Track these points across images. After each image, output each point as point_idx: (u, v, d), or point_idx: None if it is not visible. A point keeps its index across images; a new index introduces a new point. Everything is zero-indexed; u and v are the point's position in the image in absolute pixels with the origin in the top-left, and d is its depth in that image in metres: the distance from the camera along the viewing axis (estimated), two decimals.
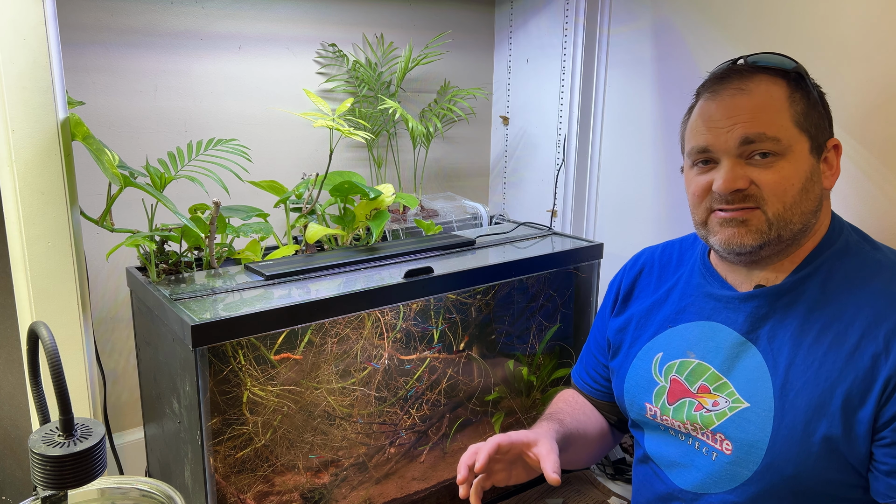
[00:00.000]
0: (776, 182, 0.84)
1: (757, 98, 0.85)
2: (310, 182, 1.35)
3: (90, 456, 0.62)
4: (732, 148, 0.85)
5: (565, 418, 1.06)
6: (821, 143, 0.87)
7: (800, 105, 0.85)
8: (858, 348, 0.81)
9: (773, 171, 0.84)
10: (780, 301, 0.88)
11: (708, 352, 0.93)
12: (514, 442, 0.92)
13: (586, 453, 1.11)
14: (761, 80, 0.86)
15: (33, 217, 0.93)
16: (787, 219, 0.85)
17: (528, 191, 1.80)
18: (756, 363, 0.88)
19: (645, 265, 1.09)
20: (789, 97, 0.85)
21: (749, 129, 0.84)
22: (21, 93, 0.89)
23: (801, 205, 0.85)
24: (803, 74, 0.88)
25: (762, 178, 0.84)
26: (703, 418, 0.91)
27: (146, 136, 1.35)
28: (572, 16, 1.58)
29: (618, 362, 1.06)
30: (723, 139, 0.85)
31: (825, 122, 0.88)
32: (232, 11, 1.39)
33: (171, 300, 1.03)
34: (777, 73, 0.87)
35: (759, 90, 0.85)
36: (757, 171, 0.84)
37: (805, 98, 0.86)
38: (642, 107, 1.51)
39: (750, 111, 0.84)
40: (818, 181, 0.86)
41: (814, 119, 0.86)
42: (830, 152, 0.88)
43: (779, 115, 0.84)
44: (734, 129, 0.84)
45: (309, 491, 1.17)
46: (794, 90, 0.86)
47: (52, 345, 0.60)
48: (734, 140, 0.84)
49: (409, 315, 1.22)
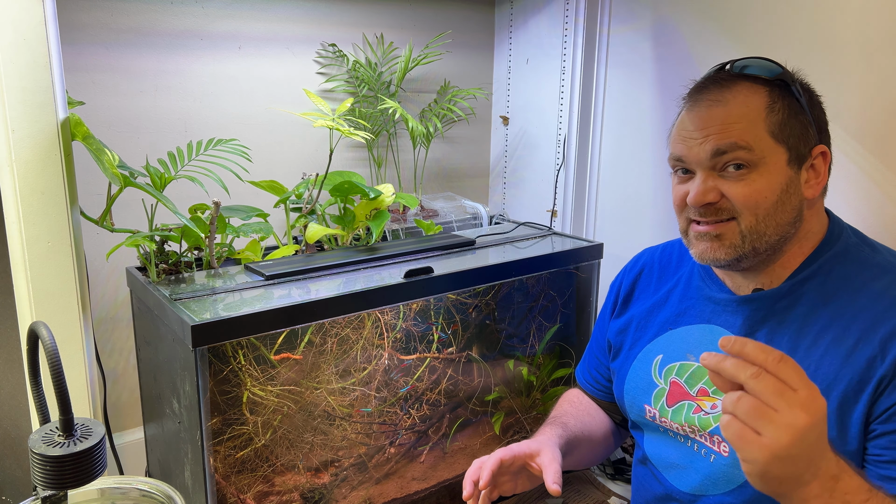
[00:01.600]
0: (747, 196, 0.83)
1: (732, 108, 0.84)
2: (310, 182, 1.35)
3: (90, 456, 0.62)
4: (705, 160, 0.84)
5: (569, 421, 1.06)
6: (802, 153, 0.85)
7: (779, 115, 0.84)
8: (855, 351, 0.81)
9: (745, 184, 0.83)
10: (777, 304, 0.88)
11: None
12: (516, 455, 0.93)
13: (591, 454, 1.11)
14: (740, 90, 0.85)
15: (33, 217, 0.93)
16: (761, 231, 0.84)
17: (528, 191, 1.80)
18: None
19: (645, 266, 1.09)
20: (768, 107, 0.84)
21: (720, 140, 0.83)
22: (21, 93, 0.89)
23: (775, 217, 0.84)
24: (788, 81, 0.86)
25: (733, 192, 0.83)
26: (701, 421, 0.91)
27: (146, 136, 1.35)
28: (572, 16, 1.58)
29: (618, 364, 1.06)
30: (696, 151, 0.85)
31: (811, 129, 0.86)
32: (232, 11, 1.39)
33: (171, 300, 1.03)
34: (758, 81, 0.86)
35: (736, 101, 0.84)
36: (729, 185, 0.84)
37: (786, 107, 0.84)
38: (642, 107, 1.51)
39: (723, 122, 0.83)
40: (796, 192, 0.85)
41: (795, 129, 0.84)
42: (817, 159, 0.86)
43: (753, 126, 0.83)
44: (707, 142, 0.84)
45: (309, 491, 1.17)
46: (775, 100, 0.84)
47: (52, 345, 0.60)
48: (706, 152, 0.84)
49: (409, 315, 1.22)
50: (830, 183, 0.90)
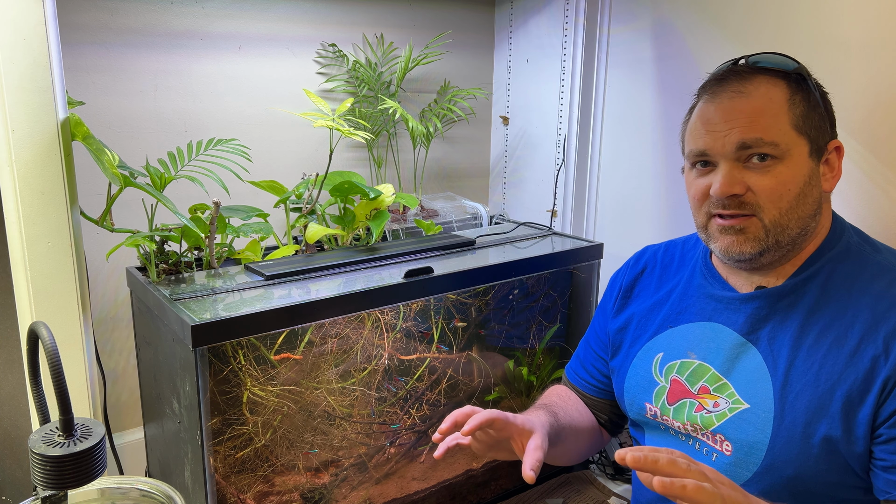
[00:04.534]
0: (772, 188, 0.83)
1: (755, 101, 0.84)
2: (310, 182, 1.35)
3: (90, 456, 0.62)
4: (730, 152, 0.84)
5: (559, 412, 1.05)
6: (821, 146, 0.86)
7: (799, 107, 0.85)
8: (858, 350, 0.81)
9: (771, 176, 0.83)
10: (780, 303, 0.88)
11: (709, 352, 0.93)
12: (510, 424, 0.90)
13: (576, 451, 1.10)
14: (761, 82, 0.86)
15: (33, 217, 0.93)
16: (784, 224, 0.84)
17: (528, 191, 1.80)
18: (756, 364, 0.88)
19: (647, 264, 1.09)
20: (789, 99, 0.85)
21: (746, 133, 0.83)
22: (21, 93, 0.89)
23: (798, 209, 0.84)
24: (805, 75, 0.87)
25: (759, 184, 0.83)
26: (703, 419, 0.91)
27: (146, 136, 1.35)
28: (572, 16, 1.58)
29: (618, 361, 1.06)
30: (720, 143, 0.85)
31: (826, 123, 0.87)
32: (232, 11, 1.39)
33: (171, 300, 1.03)
34: (777, 74, 0.86)
35: (758, 93, 0.85)
36: (754, 177, 0.84)
37: (805, 100, 0.85)
38: (642, 107, 1.51)
39: (748, 115, 0.84)
40: (817, 184, 0.86)
41: (814, 121, 0.85)
42: (832, 154, 0.87)
43: (777, 119, 0.83)
44: (731, 133, 0.84)
45: (309, 491, 1.17)
46: (795, 92, 0.85)
47: (52, 345, 0.60)
48: (731, 144, 0.84)
49: (409, 315, 1.22)
50: None
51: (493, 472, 1.40)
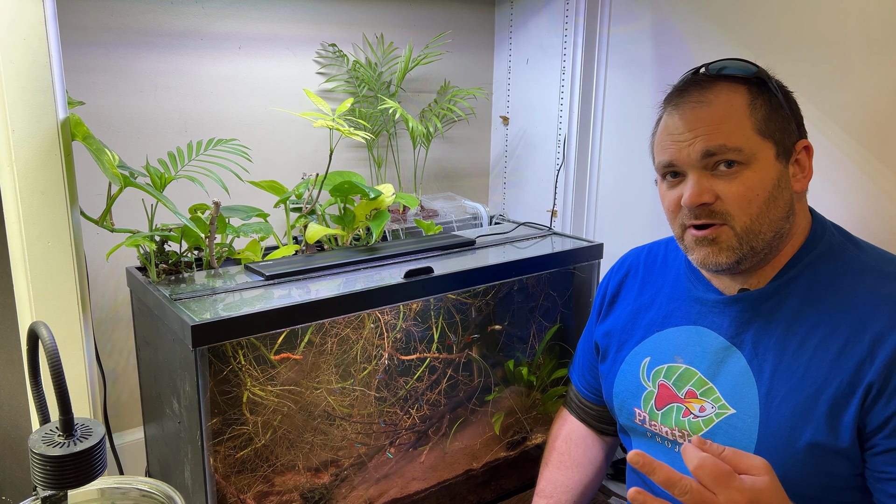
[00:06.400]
0: (741, 194, 0.83)
1: (716, 108, 0.84)
2: (310, 182, 1.35)
3: (90, 456, 0.62)
4: (696, 161, 0.84)
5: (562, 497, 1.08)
6: (788, 147, 0.86)
7: (761, 111, 0.84)
8: (843, 353, 0.80)
9: (738, 183, 0.83)
10: (763, 306, 0.88)
11: (695, 356, 0.93)
12: None
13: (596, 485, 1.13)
14: (721, 90, 0.85)
15: (33, 217, 0.93)
16: (756, 230, 0.84)
17: (528, 191, 1.80)
18: (741, 368, 0.87)
19: (630, 268, 1.09)
20: (750, 104, 0.84)
21: (710, 141, 0.83)
22: (21, 93, 0.89)
23: (769, 213, 0.84)
24: (765, 78, 0.87)
25: (727, 191, 0.83)
26: (691, 424, 0.91)
27: (146, 136, 1.35)
28: (572, 16, 1.59)
29: (606, 367, 1.05)
30: (685, 153, 0.85)
31: (791, 124, 0.86)
32: (232, 11, 1.39)
33: (171, 300, 1.03)
34: (737, 80, 0.86)
35: (719, 100, 0.85)
36: (722, 184, 0.84)
37: (767, 103, 0.85)
38: (642, 107, 1.51)
39: (710, 123, 0.84)
40: (787, 186, 0.85)
41: (778, 123, 0.85)
42: (801, 154, 0.87)
43: (739, 125, 0.83)
44: (696, 143, 0.84)
45: (309, 491, 1.17)
46: (756, 96, 0.85)
47: (52, 345, 0.60)
48: (696, 153, 0.84)
49: (408, 315, 1.22)
50: (829, 182, 0.90)
51: (493, 473, 1.40)
